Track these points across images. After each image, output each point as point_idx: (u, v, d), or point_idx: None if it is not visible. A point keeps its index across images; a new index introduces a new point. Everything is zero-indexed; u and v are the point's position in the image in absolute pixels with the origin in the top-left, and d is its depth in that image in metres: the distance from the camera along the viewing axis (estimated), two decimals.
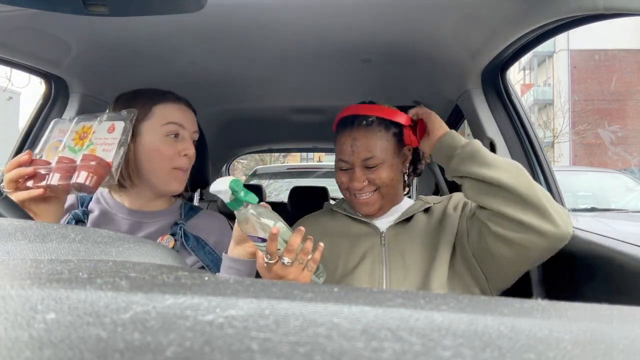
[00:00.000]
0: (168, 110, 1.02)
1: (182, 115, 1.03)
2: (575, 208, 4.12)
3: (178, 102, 1.05)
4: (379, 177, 1.06)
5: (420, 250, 1.06)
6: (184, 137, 1.03)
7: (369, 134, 1.06)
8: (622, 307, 0.23)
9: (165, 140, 1.00)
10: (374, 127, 1.06)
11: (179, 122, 1.02)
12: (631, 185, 4.91)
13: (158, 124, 1.00)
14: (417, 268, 1.03)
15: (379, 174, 1.06)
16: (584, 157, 20.40)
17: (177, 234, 1.02)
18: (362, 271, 1.05)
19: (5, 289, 0.21)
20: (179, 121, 1.02)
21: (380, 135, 1.06)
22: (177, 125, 1.01)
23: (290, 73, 1.60)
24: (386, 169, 1.07)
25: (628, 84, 20.44)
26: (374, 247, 1.08)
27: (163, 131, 1.00)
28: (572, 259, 1.17)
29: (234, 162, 3.81)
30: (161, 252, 0.38)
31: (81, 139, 0.91)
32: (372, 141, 1.05)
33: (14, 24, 1.08)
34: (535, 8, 0.92)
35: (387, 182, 1.07)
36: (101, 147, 0.89)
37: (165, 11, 0.79)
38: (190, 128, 1.05)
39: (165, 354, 0.16)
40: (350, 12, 1.10)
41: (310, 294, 0.22)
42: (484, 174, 0.93)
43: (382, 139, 1.06)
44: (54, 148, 0.92)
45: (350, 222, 1.15)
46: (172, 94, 1.06)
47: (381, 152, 1.06)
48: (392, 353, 0.17)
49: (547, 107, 22.29)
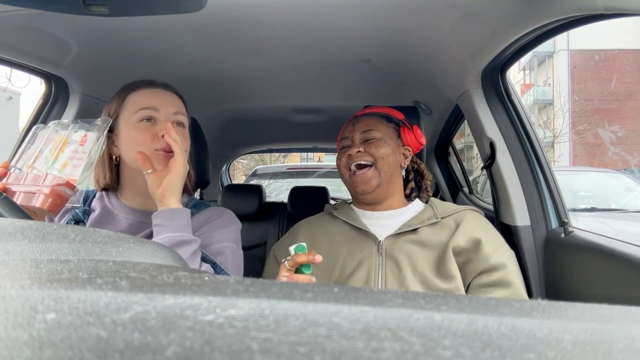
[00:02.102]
0: (139, 96, 1.00)
1: (155, 97, 1.00)
2: (575, 208, 4.11)
3: (151, 87, 1.02)
4: (377, 150, 1.11)
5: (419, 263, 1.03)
6: (160, 120, 0.98)
7: (370, 117, 1.18)
8: (622, 307, 0.23)
9: (139, 126, 0.97)
10: (376, 116, 1.18)
11: (151, 106, 0.98)
12: (631, 185, 4.91)
13: (131, 112, 0.98)
14: (413, 279, 1.02)
15: (377, 148, 1.11)
16: (584, 157, 20.39)
17: None
18: (357, 279, 1.04)
19: (5, 289, 0.21)
20: (150, 105, 0.98)
21: (382, 121, 1.17)
22: (150, 109, 0.98)
23: (290, 73, 1.60)
24: (384, 146, 1.12)
25: (628, 84, 20.43)
26: (371, 256, 1.07)
27: (136, 118, 0.97)
28: (572, 259, 1.17)
29: (234, 162, 3.81)
30: (161, 252, 0.38)
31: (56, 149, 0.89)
32: (373, 120, 1.16)
33: (14, 24, 1.08)
34: (535, 8, 0.92)
35: (384, 158, 1.11)
36: (72, 161, 0.87)
37: (165, 11, 0.79)
38: (167, 110, 0.99)
39: (165, 354, 0.16)
40: (351, 13, 1.10)
41: (310, 294, 0.22)
42: None
43: (383, 123, 1.17)
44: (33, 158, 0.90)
45: (349, 228, 1.15)
46: (146, 81, 1.03)
47: (380, 130, 1.14)
48: (392, 353, 0.17)
49: (547, 107, 22.29)
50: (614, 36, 19.38)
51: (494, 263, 1.01)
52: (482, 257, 1.01)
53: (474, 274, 1.02)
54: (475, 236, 1.04)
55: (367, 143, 1.12)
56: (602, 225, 3.26)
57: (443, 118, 2.00)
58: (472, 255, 1.02)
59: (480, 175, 2.49)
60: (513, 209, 1.32)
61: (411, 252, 1.04)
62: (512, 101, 1.39)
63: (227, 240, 1.06)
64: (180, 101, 1.05)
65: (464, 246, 1.03)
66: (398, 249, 1.05)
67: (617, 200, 4.69)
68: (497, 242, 1.06)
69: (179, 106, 1.03)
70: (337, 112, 2.12)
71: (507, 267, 1.01)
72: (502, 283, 1.00)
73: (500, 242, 1.07)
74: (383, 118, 1.18)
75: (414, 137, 1.18)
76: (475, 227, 1.07)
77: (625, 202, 4.61)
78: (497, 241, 1.06)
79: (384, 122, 1.17)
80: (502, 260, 1.02)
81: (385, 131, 1.15)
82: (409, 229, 1.08)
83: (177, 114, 1.01)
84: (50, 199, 0.82)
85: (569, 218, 1.28)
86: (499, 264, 1.01)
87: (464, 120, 1.83)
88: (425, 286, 1.00)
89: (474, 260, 1.02)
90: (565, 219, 1.26)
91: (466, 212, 1.12)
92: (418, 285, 1.00)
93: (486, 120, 1.38)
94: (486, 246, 1.02)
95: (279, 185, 4.49)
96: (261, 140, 3.08)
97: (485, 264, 1.01)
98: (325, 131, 2.43)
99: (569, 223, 1.25)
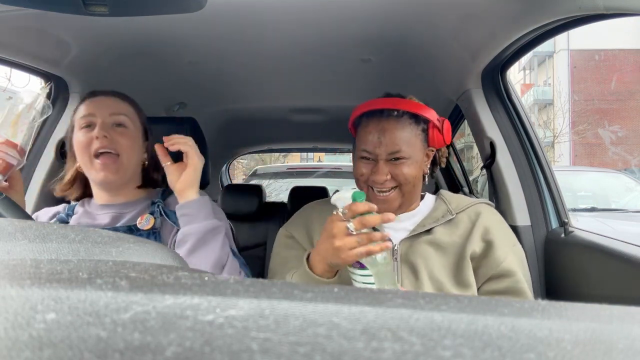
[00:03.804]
0: (83, 107, 1.06)
1: (92, 105, 1.05)
2: (575, 208, 4.11)
3: (92, 97, 1.08)
4: (403, 173, 1.00)
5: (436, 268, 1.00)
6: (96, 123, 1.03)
7: (399, 126, 1.00)
8: (622, 307, 0.23)
9: (81, 133, 1.03)
10: (404, 119, 1.01)
11: (88, 113, 1.04)
12: (631, 185, 4.91)
13: (77, 124, 1.05)
14: (430, 287, 0.98)
15: (403, 170, 1.00)
16: (584, 157, 20.39)
17: (155, 212, 1.05)
18: None
19: (5, 289, 0.21)
20: (87, 112, 1.04)
21: (410, 129, 1.01)
22: (88, 116, 1.03)
23: (291, 73, 1.60)
24: (411, 166, 1.01)
25: (628, 84, 20.42)
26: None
27: (78, 127, 1.04)
28: (572, 259, 1.17)
29: (234, 162, 3.81)
30: (161, 252, 0.38)
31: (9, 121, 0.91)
32: (401, 134, 1.00)
33: (14, 24, 1.08)
34: (535, 8, 0.92)
35: (410, 180, 1.01)
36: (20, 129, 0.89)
37: (165, 11, 0.79)
38: (102, 113, 1.04)
39: (165, 354, 0.16)
40: (351, 12, 1.10)
41: (310, 294, 0.22)
42: None
43: (411, 133, 1.01)
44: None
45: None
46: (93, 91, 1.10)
47: (408, 147, 1.00)
48: (392, 353, 0.17)
49: (547, 107, 22.28)
50: (614, 36, 19.37)
51: (504, 269, 0.99)
52: (493, 262, 0.99)
53: (483, 279, 1.00)
54: (488, 238, 1.02)
55: (394, 163, 1.00)
56: (602, 225, 3.26)
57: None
58: (483, 261, 1.00)
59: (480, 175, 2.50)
60: (513, 209, 1.32)
61: (427, 255, 1.00)
62: (512, 101, 1.39)
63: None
64: (123, 103, 1.09)
65: (478, 252, 1.01)
66: (414, 253, 1.01)
67: (617, 200, 4.69)
68: (509, 243, 1.04)
69: (119, 107, 1.07)
70: (337, 112, 2.11)
71: (516, 274, 0.99)
72: (512, 291, 0.99)
73: (512, 243, 1.05)
74: (412, 120, 1.02)
75: (442, 139, 1.06)
76: (490, 227, 1.03)
77: (625, 202, 4.61)
78: (509, 242, 1.04)
79: (413, 130, 1.02)
80: (512, 266, 1.00)
81: (413, 144, 1.01)
82: (423, 230, 1.04)
83: (114, 115, 1.05)
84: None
85: (569, 218, 1.28)
86: (509, 271, 0.99)
87: (464, 120, 1.83)
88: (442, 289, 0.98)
89: (485, 264, 1.00)
90: (566, 219, 1.26)
91: (480, 207, 1.08)
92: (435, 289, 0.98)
93: (486, 120, 1.38)
94: (498, 250, 1.00)
95: (279, 185, 4.49)
96: (261, 140, 3.08)
97: (495, 270, 0.99)
98: (325, 131, 2.44)
99: (569, 223, 1.25)
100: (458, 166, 2.48)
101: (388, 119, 1.01)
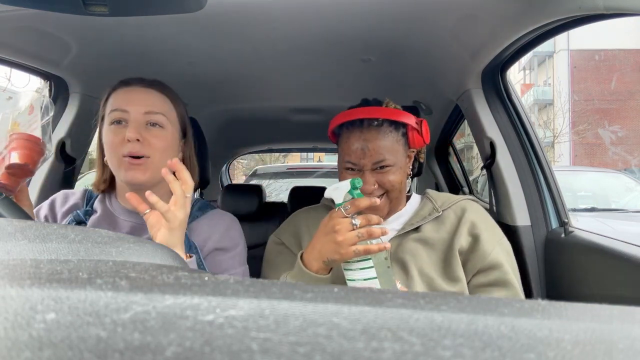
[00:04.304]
0: (115, 97, 0.96)
1: (126, 97, 0.95)
2: (575, 208, 4.12)
3: (126, 86, 0.97)
4: (389, 180, 1.03)
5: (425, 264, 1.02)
6: (129, 121, 0.94)
7: (380, 136, 1.02)
8: (622, 307, 0.23)
9: (111, 129, 0.94)
10: (384, 128, 1.03)
11: (120, 108, 0.94)
12: (631, 185, 4.91)
13: (107, 118, 0.96)
14: (420, 283, 1.00)
15: (389, 178, 1.03)
16: (584, 157, 20.40)
17: None
18: None
19: (5, 289, 0.21)
20: (119, 107, 0.94)
21: (392, 136, 1.04)
22: (119, 111, 0.94)
23: (290, 73, 1.60)
24: (396, 172, 1.04)
25: (628, 84, 20.43)
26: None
27: (108, 121, 0.95)
28: (572, 259, 1.17)
29: (234, 162, 3.81)
30: (161, 252, 0.38)
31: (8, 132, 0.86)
32: (384, 143, 1.02)
33: (14, 24, 1.08)
34: (535, 8, 0.92)
35: (397, 186, 1.04)
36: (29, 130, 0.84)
37: (165, 11, 0.79)
38: (136, 109, 0.93)
39: (165, 354, 0.16)
40: (350, 12, 1.10)
41: (310, 294, 0.22)
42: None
43: (393, 140, 1.04)
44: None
45: None
46: (127, 79, 0.98)
47: (392, 155, 1.03)
48: (392, 353, 0.17)
49: (547, 107, 22.29)
50: (614, 36, 19.38)
51: (492, 261, 1.01)
52: (481, 255, 1.02)
53: (472, 273, 1.02)
54: (475, 232, 1.04)
55: (380, 172, 1.03)
56: (602, 225, 3.26)
57: (443, 118, 2.00)
58: (471, 255, 1.03)
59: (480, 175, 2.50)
60: (513, 209, 1.32)
61: (416, 252, 1.03)
62: (512, 101, 1.39)
63: (239, 264, 1.05)
64: (160, 97, 0.98)
65: (466, 246, 1.03)
66: (403, 250, 1.04)
67: (617, 200, 4.69)
68: (495, 236, 1.06)
69: (155, 104, 0.96)
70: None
71: (503, 266, 1.02)
72: (500, 283, 1.01)
73: (498, 237, 1.07)
74: (392, 126, 1.04)
75: (422, 140, 1.09)
76: (476, 222, 1.06)
77: (625, 202, 4.61)
78: (495, 235, 1.07)
79: (394, 137, 1.04)
80: (499, 259, 1.02)
81: (396, 151, 1.04)
82: (412, 228, 1.07)
83: (150, 114, 0.94)
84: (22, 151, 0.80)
85: (569, 218, 1.28)
86: (497, 263, 1.01)
87: (464, 120, 1.83)
88: (431, 289, 0.99)
89: (472, 259, 1.02)
90: (566, 219, 1.26)
91: (465, 203, 1.11)
92: (425, 288, 1.00)
93: (486, 120, 1.38)
94: (485, 243, 1.02)
95: (279, 185, 4.48)
96: (261, 140, 3.08)
97: (482, 262, 1.01)
98: (325, 131, 2.43)
99: (569, 223, 1.25)
100: (458, 166, 2.49)
101: (369, 129, 1.03)
